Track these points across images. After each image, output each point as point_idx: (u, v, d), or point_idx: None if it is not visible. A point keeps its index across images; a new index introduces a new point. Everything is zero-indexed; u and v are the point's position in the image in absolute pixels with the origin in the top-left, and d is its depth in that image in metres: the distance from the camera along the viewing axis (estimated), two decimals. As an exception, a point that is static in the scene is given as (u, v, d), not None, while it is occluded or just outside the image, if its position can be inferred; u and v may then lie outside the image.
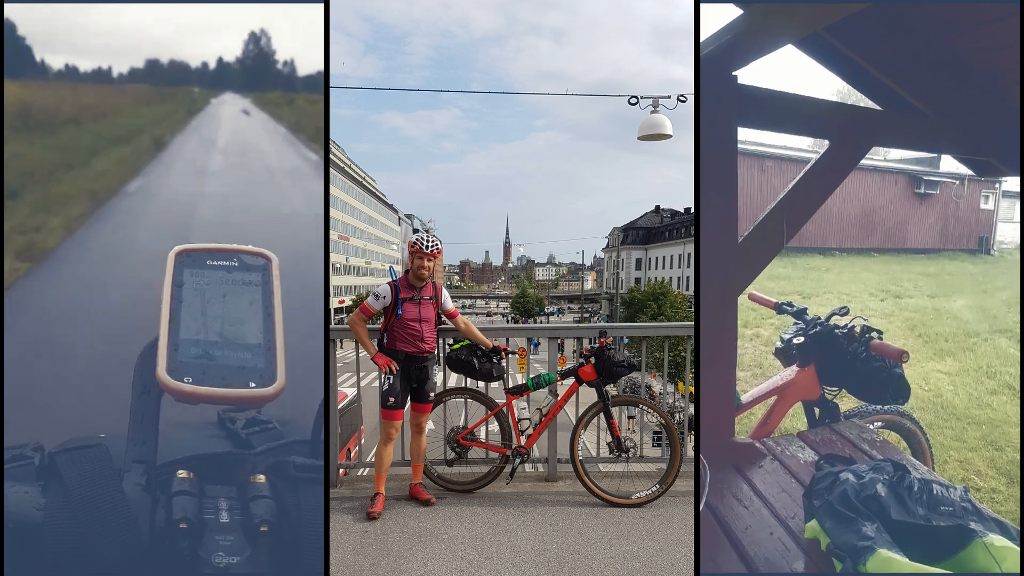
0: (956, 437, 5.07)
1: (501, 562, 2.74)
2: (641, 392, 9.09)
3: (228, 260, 1.06)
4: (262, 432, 1.29)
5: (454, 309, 3.52)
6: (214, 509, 1.01)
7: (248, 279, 1.05)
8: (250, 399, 0.96)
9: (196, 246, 1.06)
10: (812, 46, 2.68)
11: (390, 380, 3.32)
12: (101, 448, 1.02)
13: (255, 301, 1.03)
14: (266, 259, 1.07)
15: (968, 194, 21.69)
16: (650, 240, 64.73)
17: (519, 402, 3.62)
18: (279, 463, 1.11)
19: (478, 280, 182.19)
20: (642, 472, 3.56)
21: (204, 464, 1.11)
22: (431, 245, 3.35)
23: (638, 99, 7.60)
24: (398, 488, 3.53)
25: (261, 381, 0.96)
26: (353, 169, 61.55)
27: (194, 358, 0.96)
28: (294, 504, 1.04)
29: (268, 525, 1.00)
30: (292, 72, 46.00)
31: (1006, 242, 23.42)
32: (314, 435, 1.23)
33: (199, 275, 1.04)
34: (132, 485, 1.01)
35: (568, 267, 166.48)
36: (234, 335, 1.00)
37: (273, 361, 0.98)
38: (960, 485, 1.85)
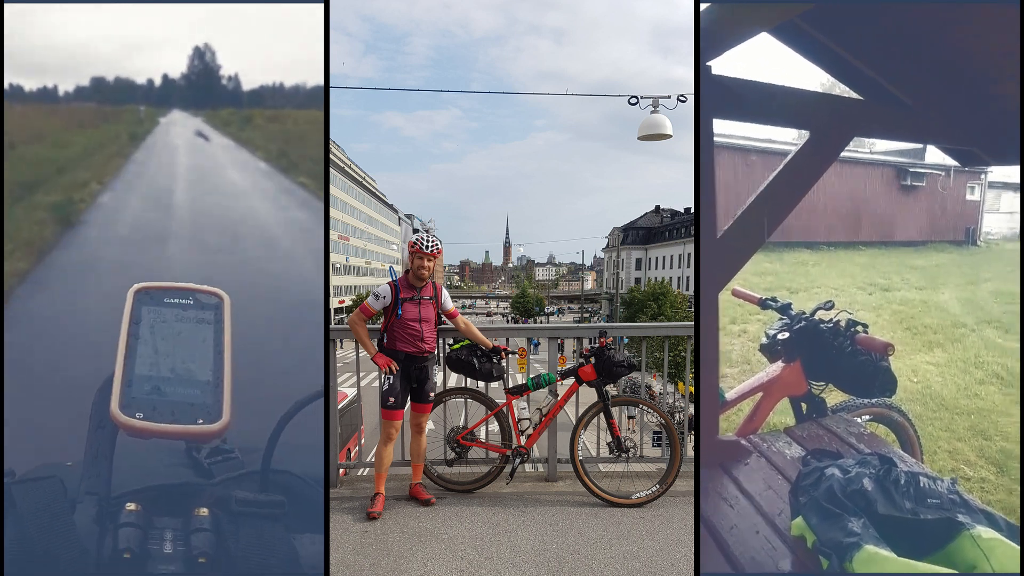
0: (945, 427, 5.09)
1: (501, 562, 2.74)
2: (641, 392, 9.10)
3: (184, 298, 1.11)
4: (224, 462, 1.34)
5: (454, 309, 3.52)
6: (159, 540, 1.05)
7: (202, 317, 1.10)
8: (197, 435, 1.01)
9: (154, 284, 1.11)
10: (793, 37, 2.65)
11: (390, 380, 3.32)
12: (54, 480, 1.05)
13: (207, 339, 1.08)
14: (219, 298, 1.13)
15: (954, 185, 21.79)
16: (650, 240, 64.74)
17: (519, 402, 3.62)
18: (223, 497, 1.15)
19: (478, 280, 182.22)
20: (642, 472, 3.56)
21: (158, 495, 1.15)
22: (431, 245, 3.35)
23: (638, 99, 7.60)
24: (398, 488, 3.53)
25: (208, 418, 1.01)
26: (353, 169, 61.55)
27: (146, 394, 1.01)
28: (233, 537, 1.08)
29: (206, 557, 1.04)
30: (291, 81, 44.51)
31: (992, 233, 23.60)
32: (263, 466, 1.26)
33: (156, 312, 1.09)
34: (83, 516, 1.05)
35: (568, 267, 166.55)
36: (185, 372, 1.04)
37: (220, 398, 1.03)
38: (948, 477, 1.83)
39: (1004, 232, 24.56)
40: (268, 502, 1.14)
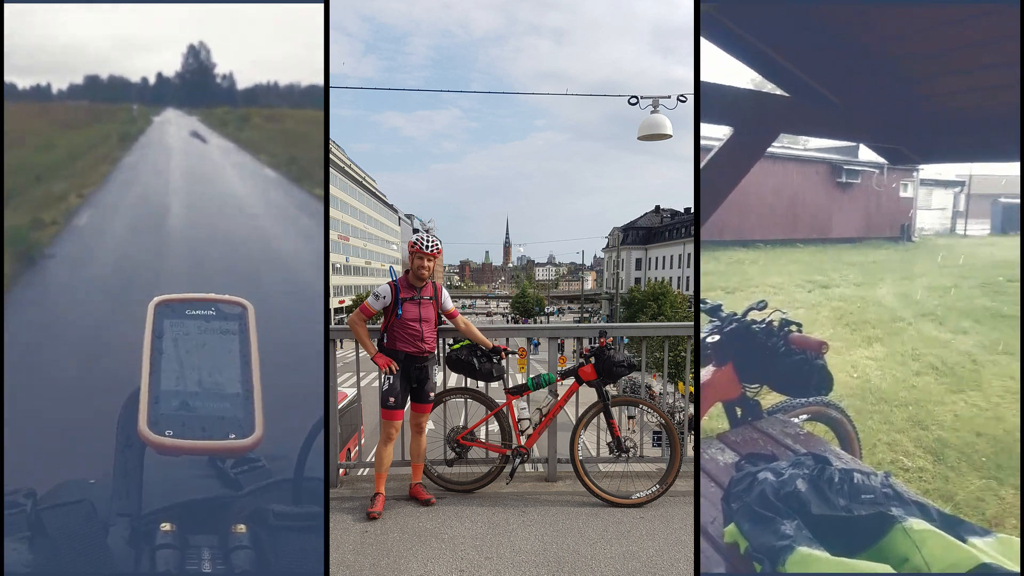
0: (884, 420, 5.15)
1: (501, 562, 2.74)
2: (641, 392, 9.09)
3: (206, 309, 1.09)
4: (250, 471, 1.31)
5: (454, 309, 3.52)
6: (197, 559, 1.03)
7: (226, 327, 1.08)
8: (230, 450, 0.99)
9: (175, 296, 1.09)
10: (720, 36, 2.63)
11: (390, 380, 3.32)
12: (86, 503, 1.04)
13: (233, 350, 1.06)
14: (242, 307, 1.10)
15: (887, 183, 22.07)
16: (650, 240, 64.73)
17: (519, 402, 3.62)
18: (259, 511, 1.13)
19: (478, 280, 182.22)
20: (642, 472, 3.56)
21: (189, 511, 1.13)
22: (431, 245, 3.35)
23: (638, 99, 7.59)
24: (398, 488, 3.53)
25: (240, 432, 0.99)
26: (353, 169, 61.55)
27: (174, 410, 0.99)
28: (274, 553, 1.06)
29: (248, 575, 1.03)
30: (290, 81, 43.75)
31: (926, 229, 23.99)
32: (296, 473, 1.24)
33: (178, 325, 1.06)
34: (117, 539, 1.03)
35: (568, 267, 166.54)
36: (213, 385, 1.02)
37: (252, 411, 1.01)
38: (882, 471, 1.82)
39: (937, 228, 25.08)
40: (305, 514, 1.13)
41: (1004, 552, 1.41)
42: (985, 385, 5.64)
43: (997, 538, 1.46)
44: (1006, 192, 27.20)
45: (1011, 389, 5.51)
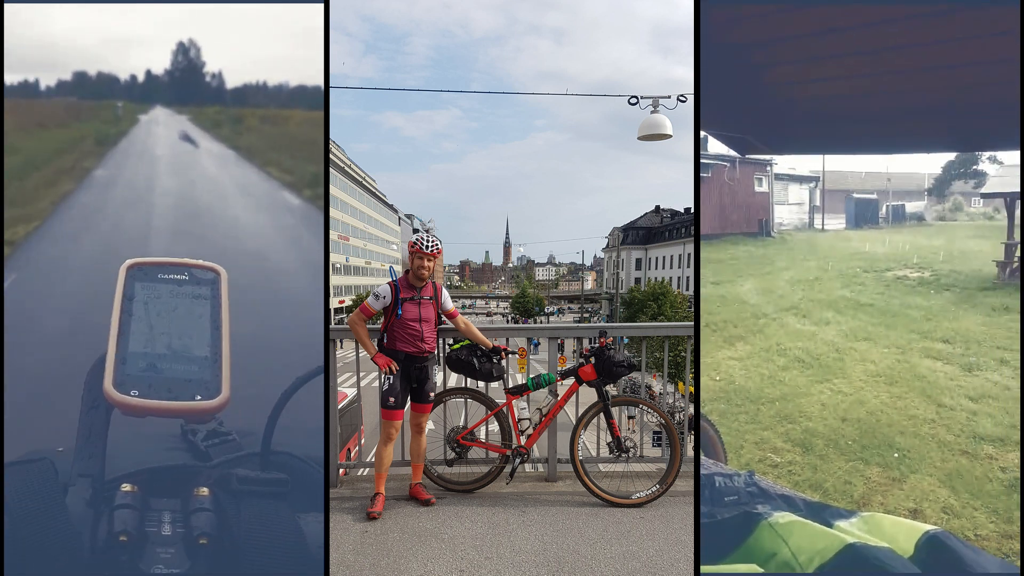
0: (751, 419, 5.21)
1: (501, 562, 2.74)
2: (641, 392, 9.09)
3: (179, 274, 1.07)
4: (221, 444, 1.30)
5: (454, 309, 3.52)
6: (157, 522, 1.02)
7: (198, 292, 1.06)
8: (195, 411, 0.97)
9: (147, 260, 1.07)
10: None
11: (390, 380, 3.32)
12: (45, 462, 1.02)
13: (203, 314, 1.04)
14: (215, 273, 1.09)
15: (741, 177, 22.30)
16: (650, 240, 64.72)
17: (519, 402, 3.62)
18: (224, 476, 1.12)
19: (478, 280, 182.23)
20: (642, 472, 3.56)
21: (156, 476, 1.12)
22: (431, 245, 3.35)
23: (638, 99, 7.59)
24: (398, 488, 3.53)
25: (207, 393, 0.97)
26: (353, 169, 61.55)
27: (141, 371, 0.97)
28: (235, 516, 1.04)
29: (207, 538, 1.01)
30: (290, 81, 42.91)
31: (785, 223, 24.29)
32: (263, 446, 1.23)
33: (150, 288, 1.04)
34: (76, 499, 1.01)
35: (568, 267, 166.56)
36: (181, 348, 1.00)
37: (219, 373, 0.99)
38: (744, 471, 1.82)
39: (796, 222, 25.43)
40: (271, 480, 1.11)
41: (869, 529, 1.41)
42: (849, 371, 5.75)
43: (860, 517, 1.46)
44: (858, 187, 28.00)
45: (872, 372, 5.68)
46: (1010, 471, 3.74)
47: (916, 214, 28.94)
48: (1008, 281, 9.67)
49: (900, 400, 4.98)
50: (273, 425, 1.23)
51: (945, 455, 3.93)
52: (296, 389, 1.23)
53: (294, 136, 25.16)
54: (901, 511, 3.22)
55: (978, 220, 24.05)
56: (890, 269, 12.10)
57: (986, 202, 21.34)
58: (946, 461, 3.83)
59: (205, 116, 37.22)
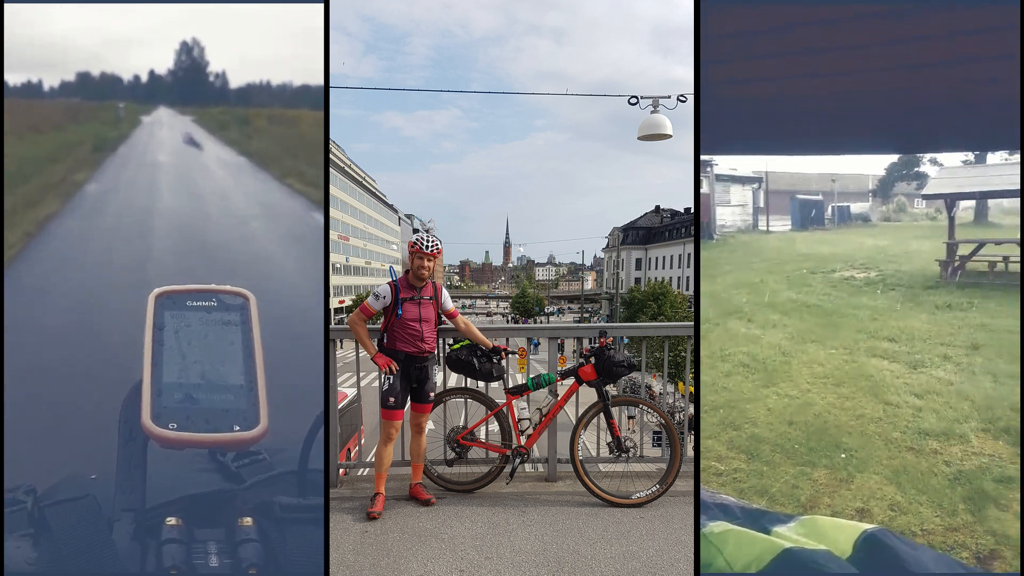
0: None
1: (501, 562, 2.74)
2: (641, 392, 9.09)
3: (207, 300, 1.07)
4: (251, 464, 1.30)
5: (454, 309, 3.52)
6: (203, 554, 1.02)
7: (228, 319, 1.07)
8: (235, 443, 0.97)
9: (175, 288, 1.07)
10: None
11: (390, 380, 3.32)
12: (89, 499, 1.02)
13: (235, 341, 1.05)
14: (244, 298, 1.09)
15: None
16: (650, 240, 64.73)
17: (519, 402, 3.62)
18: (265, 504, 1.12)
19: (478, 280, 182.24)
20: (642, 472, 3.57)
21: (193, 505, 1.12)
22: (431, 245, 3.35)
23: (638, 99, 7.59)
24: (398, 488, 3.53)
25: (245, 424, 0.98)
26: (353, 169, 61.55)
27: (177, 403, 0.97)
28: (281, 546, 1.05)
29: (256, 568, 1.02)
30: (291, 81, 42.26)
31: (727, 226, 24.30)
32: (301, 466, 1.24)
33: (179, 316, 1.05)
34: (122, 534, 1.02)
35: (568, 267, 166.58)
36: (216, 377, 1.01)
37: (256, 402, 1.00)
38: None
39: (738, 224, 25.50)
40: (311, 506, 1.12)
41: (807, 533, 1.40)
42: (795, 375, 5.70)
43: (799, 521, 1.46)
44: (801, 188, 28.17)
45: (819, 374, 5.64)
46: (954, 464, 3.79)
47: (862, 215, 28.99)
48: (950, 279, 9.90)
49: (848, 400, 4.97)
50: (310, 447, 1.23)
51: (892, 452, 3.96)
52: (327, 419, 1.25)
53: (300, 134, 24.11)
54: (848, 511, 3.24)
55: (921, 221, 24.11)
56: (836, 270, 12.01)
57: (928, 203, 21.45)
58: (892, 458, 3.86)
59: (210, 117, 35.92)
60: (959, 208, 11.95)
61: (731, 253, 17.72)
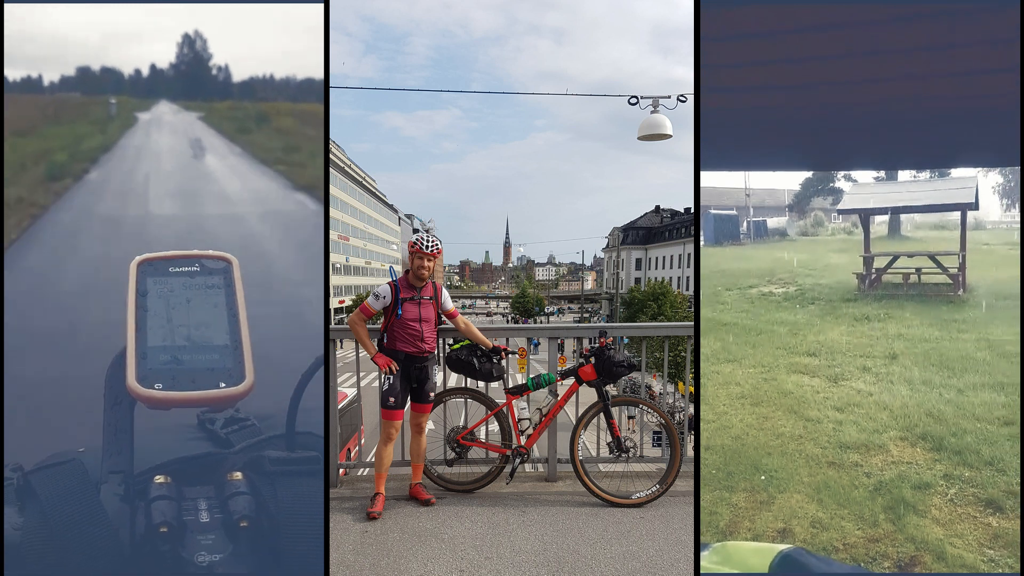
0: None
1: (501, 562, 2.74)
2: (641, 392, 9.09)
3: (190, 266, 1.07)
4: (240, 430, 1.31)
5: (454, 309, 3.52)
6: (194, 510, 1.03)
7: (211, 283, 1.06)
8: (221, 399, 0.97)
9: (157, 255, 1.07)
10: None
11: (390, 380, 3.32)
12: (76, 463, 1.03)
13: (219, 303, 1.05)
14: (227, 262, 1.09)
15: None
16: (650, 240, 64.73)
17: (519, 402, 3.62)
18: (255, 459, 1.13)
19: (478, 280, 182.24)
20: (642, 472, 3.56)
21: (183, 467, 1.13)
22: (431, 245, 3.35)
23: (638, 99, 7.59)
24: (398, 488, 3.53)
25: (231, 380, 0.98)
26: (353, 169, 61.55)
27: (163, 364, 0.97)
28: (272, 497, 1.06)
29: (248, 520, 1.02)
30: (289, 76, 41.45)
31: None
32: (288, 427, 1.24)
33: (162, 283, 1.05)
34: (110, 496, 1.02)
35: (568, 267, 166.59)
36: (201, 338, 1.01)
37: (241, 360, 1.00)
38: None
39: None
40: (303, 459, 1.12)
41: (721, 560, 1.40)
42: (711, 397, 5.58)
43: (712, 548, 1.46)
44: (715, 203, 28.15)
45: (736, 395, 5.53)
46: (874, 475, 3.78)
47: (779, 229, 28.98)
48: (868, 292, 10.11)
49: (767, 420, 4.85)
50: (296, 406, 1.23)
51: (813, 469, 3.92)
52: (316, 370, 1.24)
53: (300, 134, 23.02)
54: (769, 533, 3.21)
55: (838, 235, 24.09)
56: (754, 286, 11.79)
57: (844, 218, 21.60)
58: (814, 475, 3.82)
59: (218, 113, 33.22)
60: (874, 222, 12.34)
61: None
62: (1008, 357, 6.07)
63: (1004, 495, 3.42)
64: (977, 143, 2.98)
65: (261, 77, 43.91)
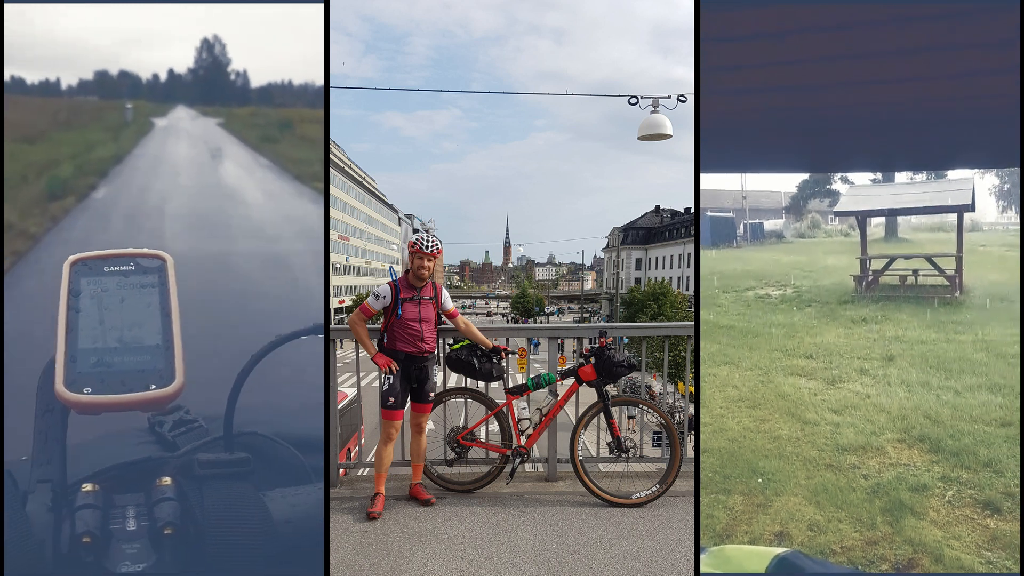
0: None
1: (501, 562, 2.75)
2: (641, 392, 9.10)
3: (124, 265, 1.04)
4: (188, 432, 1.29)
5: (454, 309, 3.52)
6: (121, 518, 1.00)
7: (145, 282, 1.04)
8: (150, 401, 0.94)
9: (91, 254, 1.04)
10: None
11: (390, 380, 3.33)
12: (7, 474, 1.00)
13: (152, 303, 1.02)
14: (161, 260, 1.06)
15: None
16: (650, 240, 64.73)
17: (519, 402, 3.62)
18: (186, 463, 1.10)
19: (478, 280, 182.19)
20: (642, 472, 3.57)
21: (122, 473, 1.10)
22: (431, 245, 3.35)
23: (638, 99, 7.59)
24: (398, 488, 3.53)
25: (161, 382, 0.95)
26: (353, 169, 61.54)
27: (92, 367, 0.94)
28: (198, 503, 1.02)
29: (172, 527, 0.99)
30: (290, 81, 40.87)
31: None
32: (225, 429, 1.22)
33: (96, 282, 1.02)
34: (37, 506, 0.99)
35: (568, 267, 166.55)
36: (132, 339, 0.98)
37: (172, 360, 0.97)
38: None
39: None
40: (232, 461, 1.09)
41: (717, 564, 1.39)
42: (708, 400, 5.56)
43: (709, 552, 1.46)
44: (712, 206, 28.03)
45: (733, 398, 5.50)
46: (872, 477, 3.76)
47: (776, 232, 28.85)
48: (865, 294, 10.11)
49: (764, 423, 4.83)
50: (233, 406, 1.20)
51: (810, 472, 3.90)
52: (252, 368, 1.21)
53: (299, 134, 22.63)
54: (767, 536, 3.20)
55: (835, 237, 24.02)
56: (751, 288, 11.72)
57: (841, 220, 21.54)
58: (811, 478, 3.80)
59: (237, 119, 32.27)
60: (871, 224, 12.26)
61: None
62: (1005, 358, 6.07)
63: (1002, 496, 3.42)
64: (976, 144, 2.99)
65: (279, 83, 43.38)
